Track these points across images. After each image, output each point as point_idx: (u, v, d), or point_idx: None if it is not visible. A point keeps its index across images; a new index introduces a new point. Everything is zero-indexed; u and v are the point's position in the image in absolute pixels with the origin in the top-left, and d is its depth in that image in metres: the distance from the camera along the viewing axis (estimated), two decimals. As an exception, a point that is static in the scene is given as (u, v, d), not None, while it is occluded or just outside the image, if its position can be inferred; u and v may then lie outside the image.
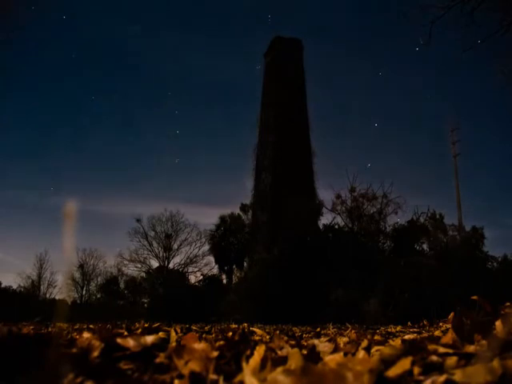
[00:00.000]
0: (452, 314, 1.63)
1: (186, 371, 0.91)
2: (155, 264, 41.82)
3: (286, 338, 2.32)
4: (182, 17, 72.70)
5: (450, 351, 1.03)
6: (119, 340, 1.16)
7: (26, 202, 67.56)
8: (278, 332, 4.06)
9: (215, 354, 1.03)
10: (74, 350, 1.11)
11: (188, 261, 41.35)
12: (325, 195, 40.37)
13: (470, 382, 0.72)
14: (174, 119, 72.40)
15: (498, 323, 1.36)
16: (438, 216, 29.01)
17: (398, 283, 21.71)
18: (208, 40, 75.39)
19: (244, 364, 0.80)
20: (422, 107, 72.91)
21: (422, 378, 0.80)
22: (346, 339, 2.17)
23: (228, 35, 76.44)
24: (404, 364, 0.82)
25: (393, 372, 0.79)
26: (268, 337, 2.43)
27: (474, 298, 1.86)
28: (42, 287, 45.31)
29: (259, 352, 0.90)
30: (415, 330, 4.50)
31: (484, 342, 1.20)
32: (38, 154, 67.66)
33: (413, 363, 0.85)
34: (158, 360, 1.03)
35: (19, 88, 67.09)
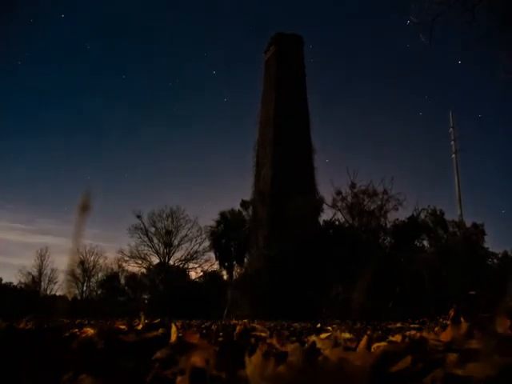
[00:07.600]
0: (452, 311, 1.63)
1: (187, 367, 0.91)
2: (156, 260, 41.89)
3: (286, 333, 2.33)
4: (180, 16, 72.48)
5: (451, 347, 1.03)
6: (120, 336, 1.16)
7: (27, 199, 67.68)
8: (278, 328, 4.07)
9: (216, 349, 1.03)
10: (75, 346, 1.11)
11: (188, 257, 41.44)
12: (325, 191, 40.46)
13: (471, 377, 0.72)
14: (173, 118, 72.25)
15: (497, 319, 1.36)
16: (438, 212, 28.98)
17: (399, 280, 21.74)
18: (207, 37, 75.19)
19: (247, 359, 0.80)
20: (423, 104, 72.90)
21: (423, 374, 0.80)
22: (346, 335, 2.17)
23: (227, 31, 76.18)
24: (405, 361, 0.82)
25: (394, 368, 0.79)
26: (268, 333, 2.43)
27: (472, 292, 1.86)
28: (42, 283, 45.43)
29: (261, 348, 0.90)
30: (416, 326, 4.51)
31: (484, 338, 1.20)
32: (38, 150, 67.80)
33: (414, 360, 0.85)
34: (158, 356, 1.03)
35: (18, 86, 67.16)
